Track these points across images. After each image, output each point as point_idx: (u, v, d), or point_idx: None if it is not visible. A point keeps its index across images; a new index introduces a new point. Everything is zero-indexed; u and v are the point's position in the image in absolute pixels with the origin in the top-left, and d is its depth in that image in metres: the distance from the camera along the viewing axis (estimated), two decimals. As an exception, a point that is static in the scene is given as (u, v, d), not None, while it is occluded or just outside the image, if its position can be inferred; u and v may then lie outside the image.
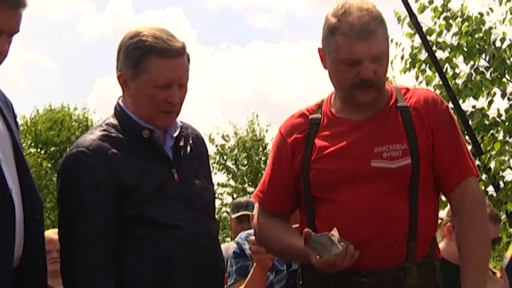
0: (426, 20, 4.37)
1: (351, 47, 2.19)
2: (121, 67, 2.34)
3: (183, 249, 2.29)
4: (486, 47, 4.02)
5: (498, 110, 4.16)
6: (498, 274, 3.51)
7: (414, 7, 4.00)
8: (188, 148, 2.41)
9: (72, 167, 2.30)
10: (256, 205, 2.45)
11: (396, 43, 4.70)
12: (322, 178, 2.28)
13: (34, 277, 2.34)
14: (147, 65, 2.27)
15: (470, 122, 4.07)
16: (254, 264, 2.83)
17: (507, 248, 5.40)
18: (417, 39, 4.30)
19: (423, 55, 4.21)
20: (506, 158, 4.17)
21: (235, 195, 20.57)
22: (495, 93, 4.28)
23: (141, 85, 2.30)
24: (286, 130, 2.41)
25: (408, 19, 4.10)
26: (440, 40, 4.27)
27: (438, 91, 4.12)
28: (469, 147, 3.73)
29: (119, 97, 2.43)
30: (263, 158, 20.85)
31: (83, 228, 2.30)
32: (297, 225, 2.38)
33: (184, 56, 2.32)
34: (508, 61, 4.01)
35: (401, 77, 4.23)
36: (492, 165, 4.12)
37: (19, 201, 2.23)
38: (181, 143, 2.38)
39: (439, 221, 2.87)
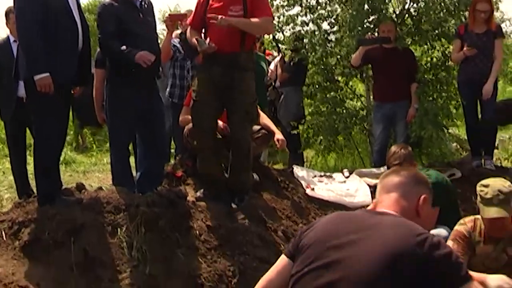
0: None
1: None
2: None
3: (145, 43, 4.59)
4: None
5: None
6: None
7: None
8: (146, 5, 4.76)
9: (100, 11, 4.67)
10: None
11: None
12: (209, 17, 4.47)
13: (87, 59, 4.57)
14: None
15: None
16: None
17: None
18: None
19: None
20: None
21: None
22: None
23: None
24: None
25: None
26: None
27: None
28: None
29: None
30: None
31: (104, 35, 4.57)
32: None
33: None
34: None
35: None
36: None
37: (80, 26, 4.43)
38: (143, 3, 4.73)
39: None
